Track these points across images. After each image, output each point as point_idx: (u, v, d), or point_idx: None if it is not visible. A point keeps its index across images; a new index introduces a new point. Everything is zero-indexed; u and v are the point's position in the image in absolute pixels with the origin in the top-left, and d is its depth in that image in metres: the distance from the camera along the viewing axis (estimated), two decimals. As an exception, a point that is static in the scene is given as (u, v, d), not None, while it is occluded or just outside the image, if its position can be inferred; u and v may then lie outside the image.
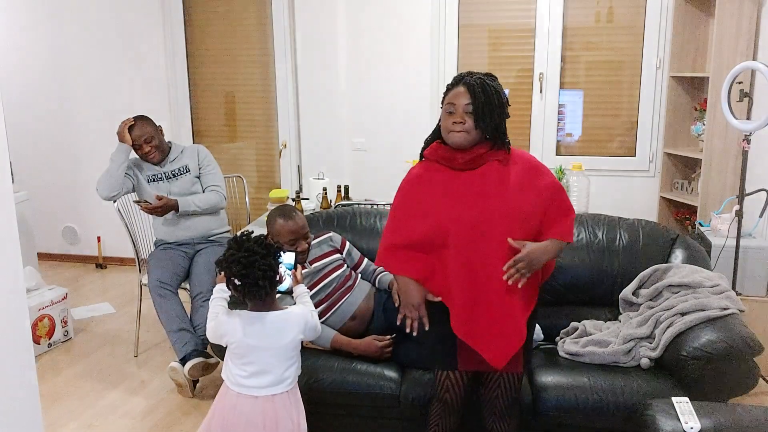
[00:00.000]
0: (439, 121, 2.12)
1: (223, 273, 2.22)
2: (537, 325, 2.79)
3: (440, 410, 2.30)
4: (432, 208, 2.08)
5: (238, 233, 2.10)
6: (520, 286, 2.04)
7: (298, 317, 2.10)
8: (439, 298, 2.10)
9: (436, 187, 2.10)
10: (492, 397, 2.24)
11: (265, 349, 2.01)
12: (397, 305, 2.67)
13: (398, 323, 2.17)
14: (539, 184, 2.11)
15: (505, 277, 2.02)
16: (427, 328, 2.13)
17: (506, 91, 4.41)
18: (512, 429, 2.31)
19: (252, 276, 1.93)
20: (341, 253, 2.88)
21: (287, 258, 2.31)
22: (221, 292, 2.17)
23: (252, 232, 2.08)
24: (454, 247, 2.04)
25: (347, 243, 2.94)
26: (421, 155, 2.20)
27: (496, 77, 2.10)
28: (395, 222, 2.17)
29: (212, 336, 2.12)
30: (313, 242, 2.84)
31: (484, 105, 2.01)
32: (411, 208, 2.13)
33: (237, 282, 1.95)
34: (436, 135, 2.16)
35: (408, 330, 2.14)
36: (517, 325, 2.09)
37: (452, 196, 2.07)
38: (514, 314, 2.08)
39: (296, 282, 2.32)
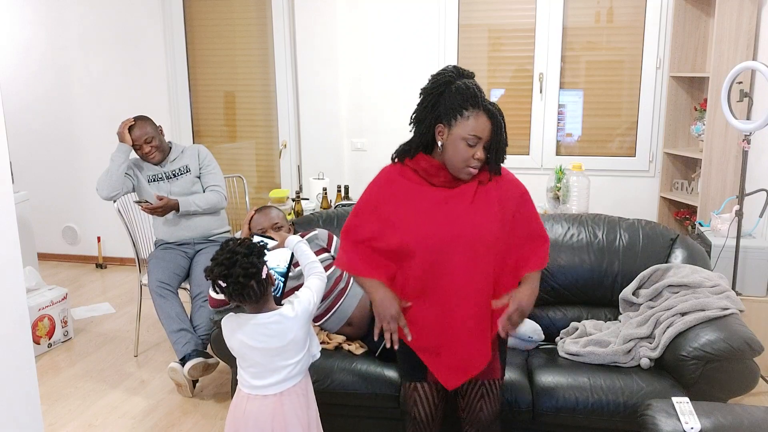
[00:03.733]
0: (421, 130, 1.98)
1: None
2: (537, 326, 2.79)
3: (411, 428, 2.17)
4: (402, 223, 1.97)
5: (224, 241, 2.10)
6: (512, 332, 2.00)
7: (295, 317, 2.06)
8: (410, 304, 1.99)
9: (408, 199, 1.99)
10: (475, 409, 2.11)
11: (263, 350, 2.01)
12: (377, 337, 2.64)
13: (375, 338, 2.05)
14: (509, 202, 2.02)
15: (501, 330, 1.95)
16: (410, 338, 1.99)
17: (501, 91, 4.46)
18: None
19: (234, 275, 1.93)
20: (329, 251, 2.83)
21: (273, 260, 2.25)
22: None
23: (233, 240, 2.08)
24: (418, 265, 1.95)
25: (334, 238, 2.88)
26: (401, 159, 2.06)
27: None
28: (359, 220, 2.05)
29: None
30: None
31: (500, 144, 1.92)
32: (378, 213, 2.02)
33: (222, 284, 1.95)
34: (421, 146, 2.01)
35: (389, 345, 2.00)
36: (480, 348, 2.00)
37: (424, 213, 1.96)
38: (479, 337, 1.99)
39: (281, 241, 2.29)
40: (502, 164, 2.00)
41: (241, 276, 1.92)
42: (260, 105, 4.89)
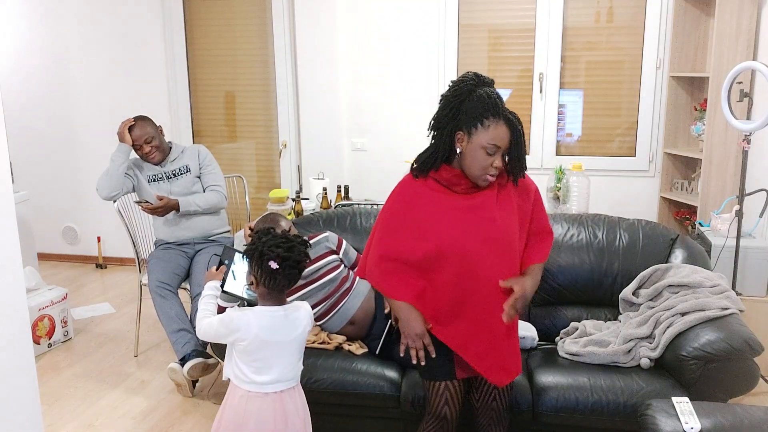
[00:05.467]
0: (441, 136, 2.00)
1: (217, 267, 2.21)
2: (530, 325, 2.79)
3: (437, 427, 2.19)
4: (431, 231, 2.00)
5: (260, 229, 2.08)
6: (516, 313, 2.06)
7: (306, 309, 2.11)
8: (431, 326, 2.05)
9: (435, 209, 2.02)
10: (488, 400, 2.19)
11: (277, 343, 2.01)
12: (387, 311, 2.66)
13: (401, 354, 2.10)
14: (526, 203, 2.10)
15: (504, 318, 2.00)
16: (434, 356, 2.05)
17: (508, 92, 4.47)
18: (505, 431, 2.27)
19: (293, 259, 1.95)
20: (338, 254, 2.84)
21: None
22: (213, 290, 2.16)
23: (273, 228, 2.10)
24: (452, 271, 2.00)
25: (344, 242, 2.90)
26: (425, 172, 2.06)
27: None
28: (388, 234, 2.08)
29: (211, 334, 2.06)
30: None
31: (520, 153, 1.96)
32: (407, 224, 2.04)
33: (274, 266, 1.94)
34: (444, 155, 2.01)
35: (414, 361, 2.08)
36: (515, 346, 2.11)
37: (454, 219, 2.00)
38: (511, 335, 2.08)
39: None
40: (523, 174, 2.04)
41: (302, 261, 1.98)
42: (260, 105, 4.89)
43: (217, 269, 2.22)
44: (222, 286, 2.15)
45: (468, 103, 1.95)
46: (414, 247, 2.03)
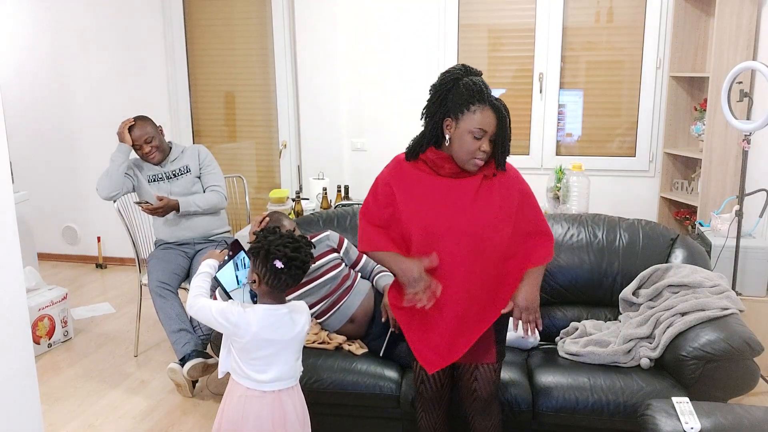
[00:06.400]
0: (430, 124, 2.06)
1: (221, 251, 2.21)
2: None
3: (420, 404, 2.31)
4: (406, 211, 2.07)
5: (265, 228, 2.08)
6: (539, 328, 2.13)
7: (306, 308, 2.12)
8: (437, 263, 2.02)
9: (417, 189, 2.08)
10: (470, 390, 2.21)
11: (277, 341, 2.01)
12: (384, 319, 2.66)
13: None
14: (508, 200, 2.09)
15: (525, 334, 2.12)
16: (438, 294, 2.01)
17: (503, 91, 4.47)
18: (496, 427, 2.27)
19: (300, 259, 1.97)
20: (339, 252, 2.86)
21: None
22: (210, 268, 2.14)
23: (279, 227, 2.10)
24: (417, 252, 2.05)
25: (345, 241, 2.92)
26: (414, 155, 2.13)
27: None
28: (375, 205, 2.15)
29: (205, 318, 2.01)
30: None
31: (504, 138, 2.02)
32: (391, 199, 2.11)
33: (279, 265, 1.95)
34: (432, 141, 2.08)
35: (419, 305, 2.02)
36: (465, 336, 2.10)
37: (427, 203, 2.06)
38: (466, 325, 2.09)
39: None
40: (507, 159, 2.09)
41: (308, 262, 2.00)
42: (260, 105, 4.89)
43: (219, 253, 2.22)
44: (218, 269, 2.14)
45: (455, 91, 2.02)
46: (393, 222, 2.11)
